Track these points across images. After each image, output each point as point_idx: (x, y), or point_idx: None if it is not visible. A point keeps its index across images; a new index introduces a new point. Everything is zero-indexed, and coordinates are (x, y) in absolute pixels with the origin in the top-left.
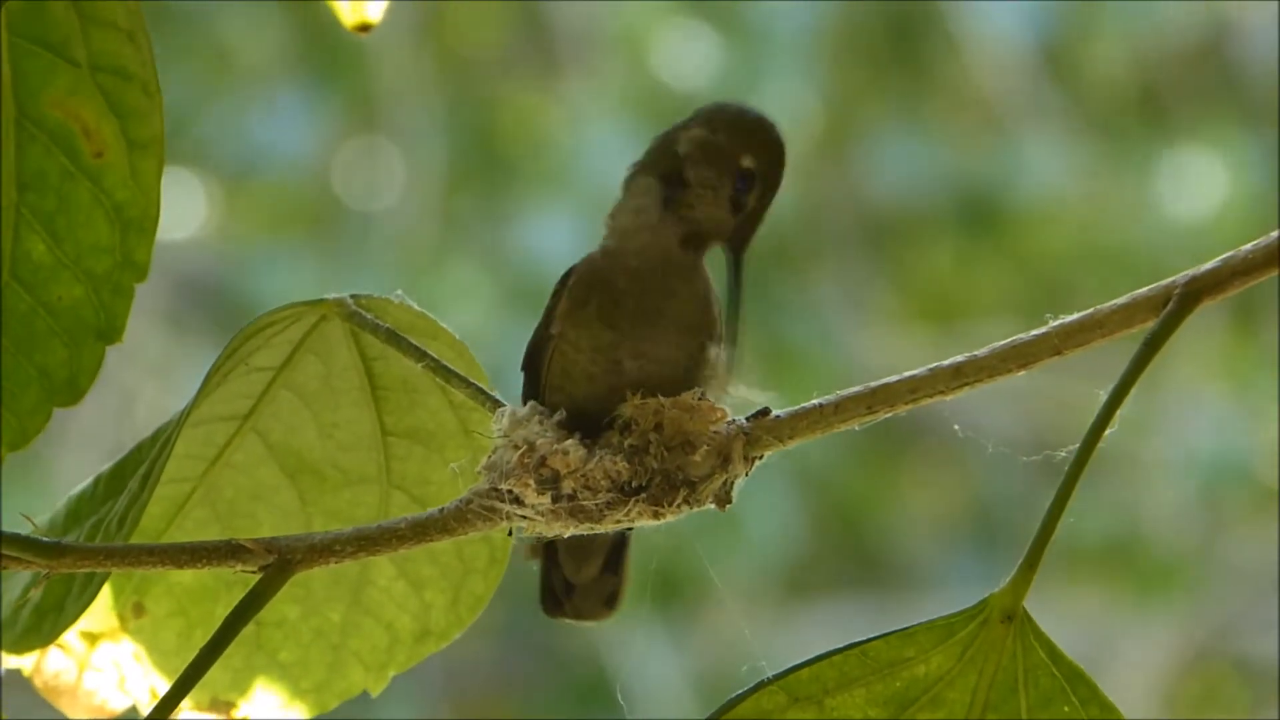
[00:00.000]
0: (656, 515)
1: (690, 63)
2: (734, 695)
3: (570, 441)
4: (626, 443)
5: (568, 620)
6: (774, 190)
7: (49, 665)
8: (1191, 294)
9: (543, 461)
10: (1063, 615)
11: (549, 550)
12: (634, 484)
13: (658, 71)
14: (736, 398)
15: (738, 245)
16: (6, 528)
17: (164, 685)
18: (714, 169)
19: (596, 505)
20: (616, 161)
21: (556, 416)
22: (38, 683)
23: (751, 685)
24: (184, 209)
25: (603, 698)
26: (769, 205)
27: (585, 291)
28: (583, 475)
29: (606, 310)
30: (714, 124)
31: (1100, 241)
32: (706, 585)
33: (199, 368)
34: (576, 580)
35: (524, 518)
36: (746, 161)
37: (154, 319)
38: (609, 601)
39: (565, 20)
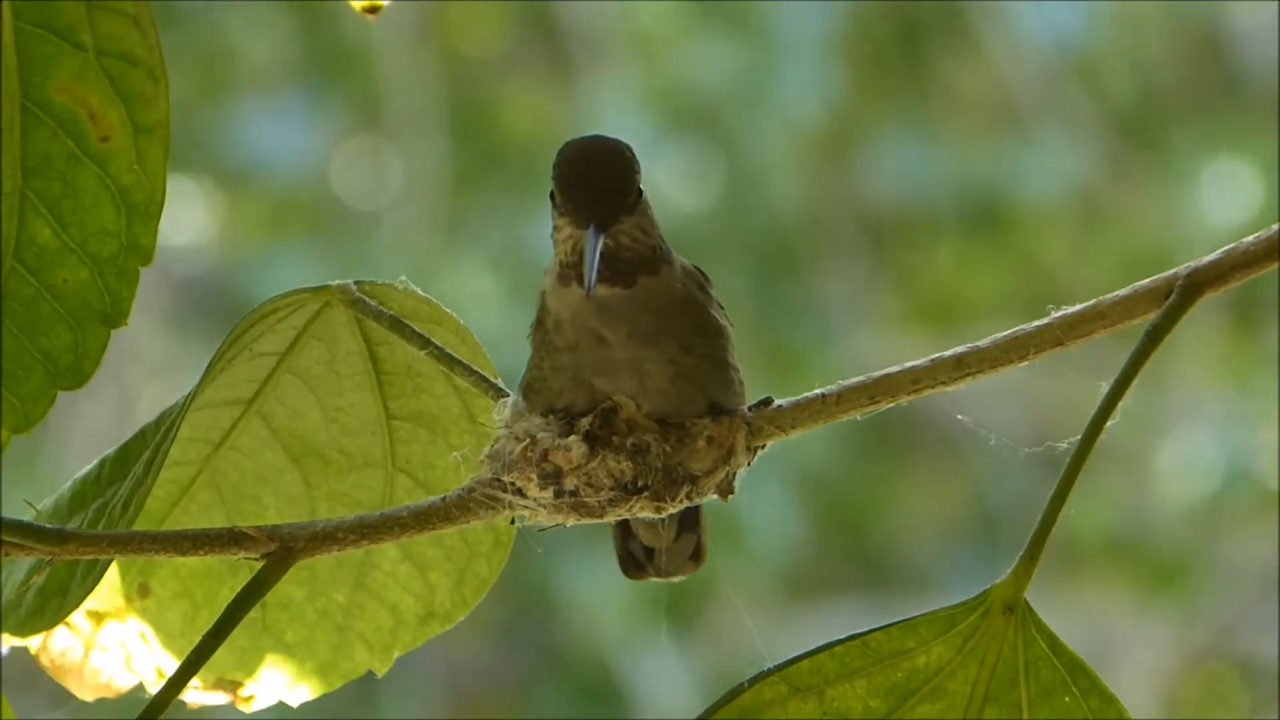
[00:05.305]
0: (658, 509)
1: (700, 61)
2: (735, 685)
3: (573, 438)
4: (629, 442)
5: (653, 579)
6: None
7: (55, 644)
8: (1193, 286)
9: (545, 456)
10: (1064, 616)
11: (623, 522)
12: (638, 483)
13: (667, 69)
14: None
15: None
16: (8, 515)
17: (169, 664)
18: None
19: (598, 502)
20: None
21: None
22: (44, 661)
23: (753, 675)
24: (185, 210)
25: (603, 697)
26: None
27: (540, 311)
28: (585, 473)
29: (558, 332)
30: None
31: (1106, 244)
32: (710, 586)
33: (200, 368)
34: (657, 545)
35: (526, 508)
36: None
37: (156, 320)
38: (694, 556)
39: (572, 18)
